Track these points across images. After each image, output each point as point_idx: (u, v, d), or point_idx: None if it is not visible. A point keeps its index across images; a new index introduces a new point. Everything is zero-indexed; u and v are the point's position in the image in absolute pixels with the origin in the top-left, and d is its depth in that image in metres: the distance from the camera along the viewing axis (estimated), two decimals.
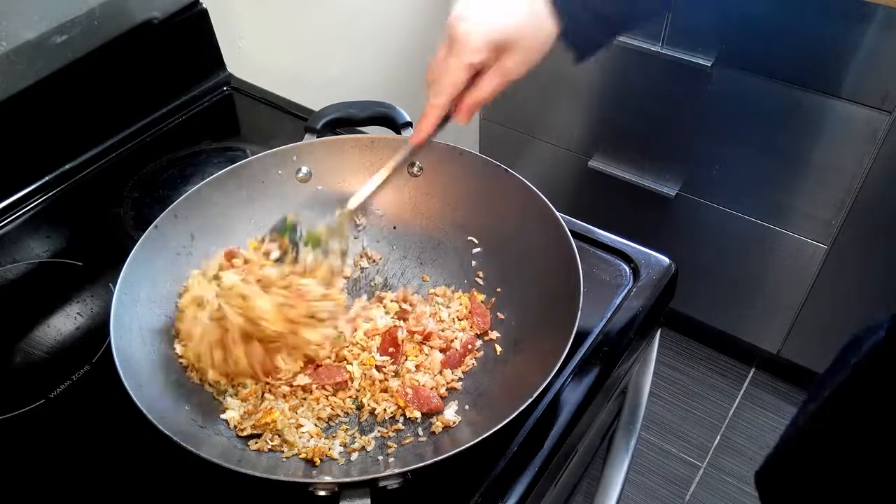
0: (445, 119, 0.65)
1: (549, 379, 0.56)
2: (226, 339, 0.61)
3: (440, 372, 0.67)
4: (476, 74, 0.62)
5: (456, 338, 0.69)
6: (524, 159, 1.76)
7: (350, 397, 0.65)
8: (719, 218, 1.56)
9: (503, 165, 0.73)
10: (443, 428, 0.62)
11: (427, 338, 0.68)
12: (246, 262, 0.64)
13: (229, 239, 0.74)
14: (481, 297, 0.73)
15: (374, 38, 1.38)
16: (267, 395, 0.64)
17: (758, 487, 0.86)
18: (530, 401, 0.55)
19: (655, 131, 1.55)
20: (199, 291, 0.62)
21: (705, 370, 1.82)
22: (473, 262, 0.76)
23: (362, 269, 0.78)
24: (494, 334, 0.70)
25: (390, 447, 0.62)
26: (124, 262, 0.64)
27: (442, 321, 0.71)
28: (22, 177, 0.85)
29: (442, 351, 0.68)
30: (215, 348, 0.61)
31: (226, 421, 0.62)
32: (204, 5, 0.97)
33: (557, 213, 0.68)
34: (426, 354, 0.68)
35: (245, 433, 0.61)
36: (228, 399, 0.64)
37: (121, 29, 0.88)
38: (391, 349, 0.67)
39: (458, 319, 0.71)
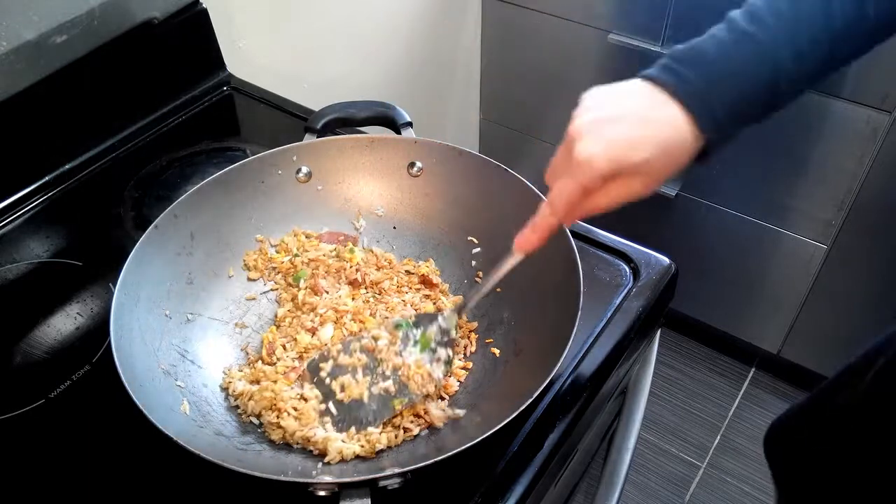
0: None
1: (549, 379, 0.56)
2: None
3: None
4: None
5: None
6: (524, 159, 1.76)
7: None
8: (719, 218, 1.56)
9: (503, 165, 0.73)
10: (443, 428, 0.62)
11: None
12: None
13: (229, 239, 0.75)
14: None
15: (374, 38, 1.38)
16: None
17: (766, 442, 0.85)
18: (530, 401, 0.55)
19: None
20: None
21: (705, 370, 1.82)
22: (473, 262, 0.76)
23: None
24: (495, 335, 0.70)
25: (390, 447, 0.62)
26: (124, 262, 0.64)
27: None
28: (22, 177, 0.85)
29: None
30: None
31: (229, 393, 0.64)
32: (204, 5, 0.97)
33: None
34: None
35: (247, 413, 0.62)
36: (236, 381, 0.65)
37: (121, 29, 0.88)
38: None
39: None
